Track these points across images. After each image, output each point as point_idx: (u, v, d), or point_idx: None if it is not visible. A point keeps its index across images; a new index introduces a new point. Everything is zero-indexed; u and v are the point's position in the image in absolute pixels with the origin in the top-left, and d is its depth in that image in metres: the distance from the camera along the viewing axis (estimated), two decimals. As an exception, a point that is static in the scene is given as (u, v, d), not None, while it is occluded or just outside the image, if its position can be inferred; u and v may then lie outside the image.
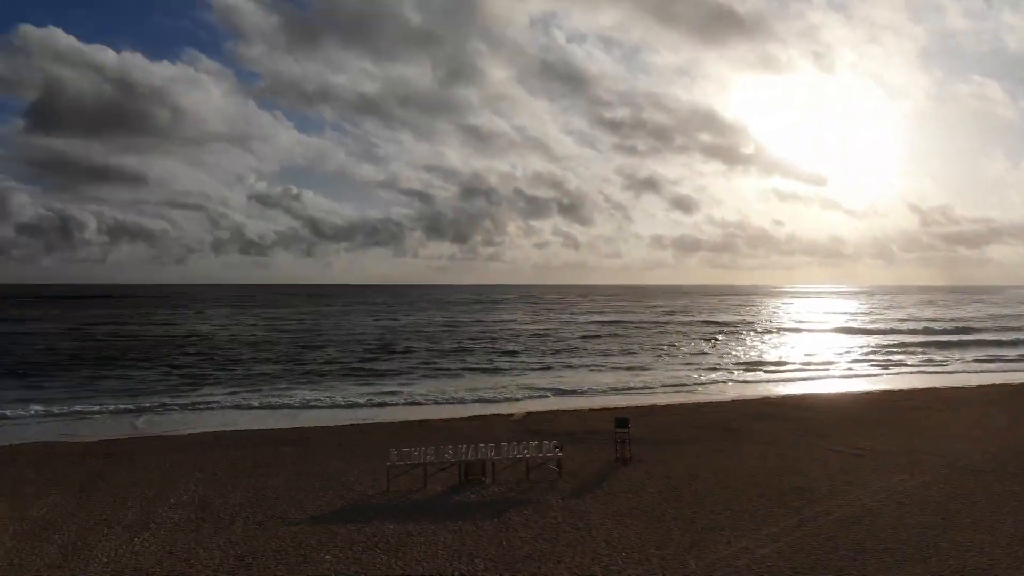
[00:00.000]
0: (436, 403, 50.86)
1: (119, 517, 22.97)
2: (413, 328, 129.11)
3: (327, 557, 19.41)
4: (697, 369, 70.23)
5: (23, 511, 23.70)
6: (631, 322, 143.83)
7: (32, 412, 46.42)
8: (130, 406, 49.54)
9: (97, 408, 48.64)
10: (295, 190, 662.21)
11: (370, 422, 42.48)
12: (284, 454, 32.81)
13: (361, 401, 51.52)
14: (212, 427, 41.84)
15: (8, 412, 45.96)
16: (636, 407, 45.59)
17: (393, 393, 55.14)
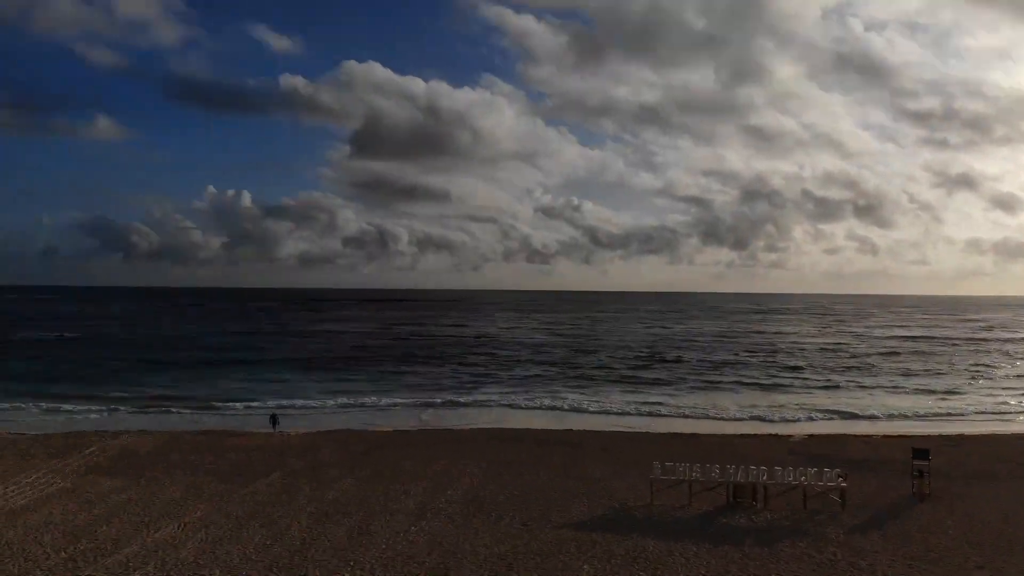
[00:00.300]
0: (706, 416, 49.00)
1: (401, 505, 24.97)
2: (685, 337, 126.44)
3: (585, 567, 19.28)
4: (1021, 395, 59.91)
5: (322, 493, 26.74)
6: (940, 338, 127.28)
7: (340, 402, 52.90)
8: (423, 400, 54.41)
9: (395, 401, 54.03)
10: (576, 201, 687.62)
11: (637, 430, 42.05)
12: (553, 454, 33.60)
13: (629, 409, 51.27)
14: (491, 423, 44.38)
15: (315, 403, 52.87)
16: (940, 436, 39.90)
17: (660, 403, 54.14)
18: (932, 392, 61.74)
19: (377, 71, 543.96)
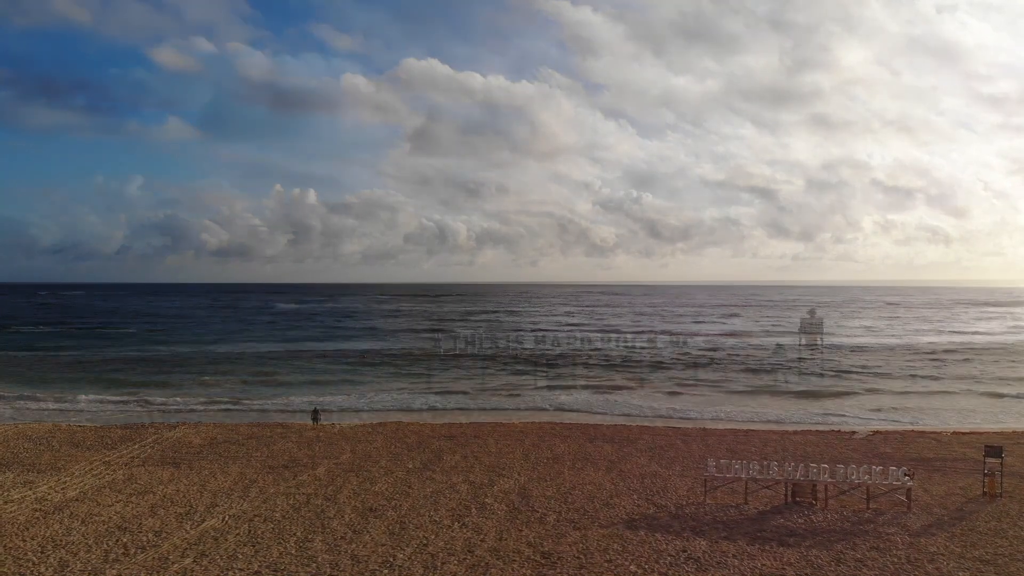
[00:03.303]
0: (764, 414, 47.28)
1: (446, 500, 24.55)
2: (743, 331, 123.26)
3: (631, 567, 18.53)
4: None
5: (368, 487, 26.51)
6: (1017, 331, 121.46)
7: (386, 396, 53.04)
8: (471, 397, 54.07)
9: (442, 395, 53.88)
10: (635, 194, 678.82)
11: (691, 427, 40.79)
12: (604, 451, 32.80)
13: (682, 404, 49.73)
14: (542, 418, 43.69)
15: (361, 397, 53.11)
16: (1015, 433, 37.70)
17: (715, 399, 52.57)
18: (1006, 390, 58.62)
19: (436, 68, 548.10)
